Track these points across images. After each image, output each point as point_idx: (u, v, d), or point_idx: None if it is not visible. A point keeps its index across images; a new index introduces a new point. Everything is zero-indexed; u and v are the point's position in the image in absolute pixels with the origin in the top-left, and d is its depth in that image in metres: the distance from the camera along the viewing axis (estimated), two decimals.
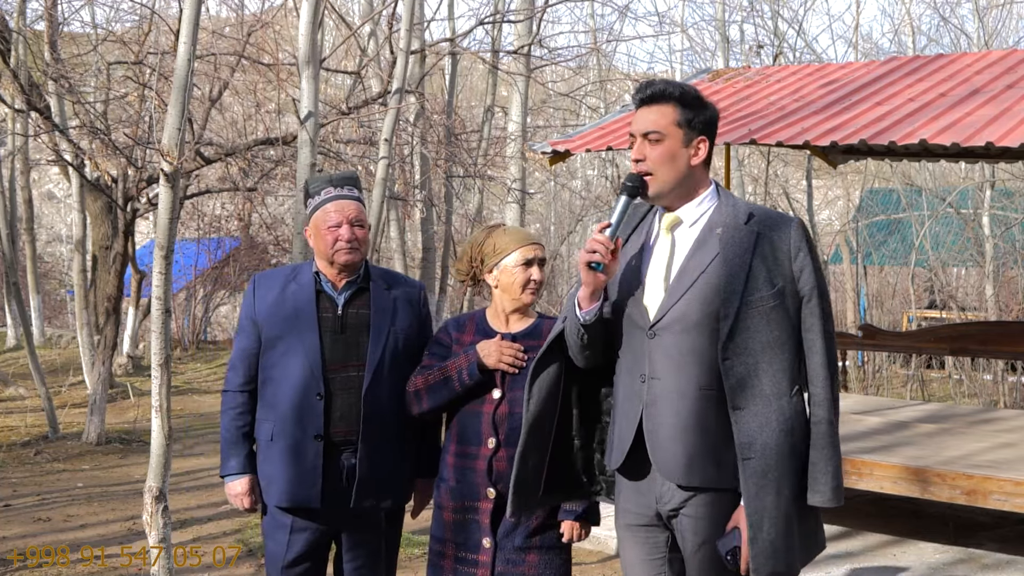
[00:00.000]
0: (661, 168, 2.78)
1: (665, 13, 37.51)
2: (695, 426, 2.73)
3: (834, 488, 2.73)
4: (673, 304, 2.75)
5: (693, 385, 2.72)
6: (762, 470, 2.67)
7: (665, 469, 2.77)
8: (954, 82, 7.25)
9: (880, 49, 23.63)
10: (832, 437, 2.74)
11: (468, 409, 3.31)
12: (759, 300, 2.70)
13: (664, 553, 2.88)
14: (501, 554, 3.24)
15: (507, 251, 3.36)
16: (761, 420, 2.68)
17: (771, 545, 2.67)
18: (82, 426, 9.82)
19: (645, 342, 2.78)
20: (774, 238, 2.75)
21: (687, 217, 2.83)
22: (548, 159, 7.64)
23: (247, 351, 3.47)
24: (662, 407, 2.75)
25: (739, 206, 2.81)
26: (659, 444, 2.76)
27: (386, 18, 10.15)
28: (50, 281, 24.92)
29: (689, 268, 2.76)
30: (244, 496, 3.47)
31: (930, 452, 6.30)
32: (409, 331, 3.49)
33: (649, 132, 2.78)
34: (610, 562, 5.87)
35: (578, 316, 2.79)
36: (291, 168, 9.69)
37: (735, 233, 2.74)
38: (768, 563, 2.67)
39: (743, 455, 2.68)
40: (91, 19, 13.87)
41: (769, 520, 2.67)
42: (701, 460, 2.73)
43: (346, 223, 3.40)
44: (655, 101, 2.80)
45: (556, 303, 20.38)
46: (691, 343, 2.73)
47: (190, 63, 4.71)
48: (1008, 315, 15.14)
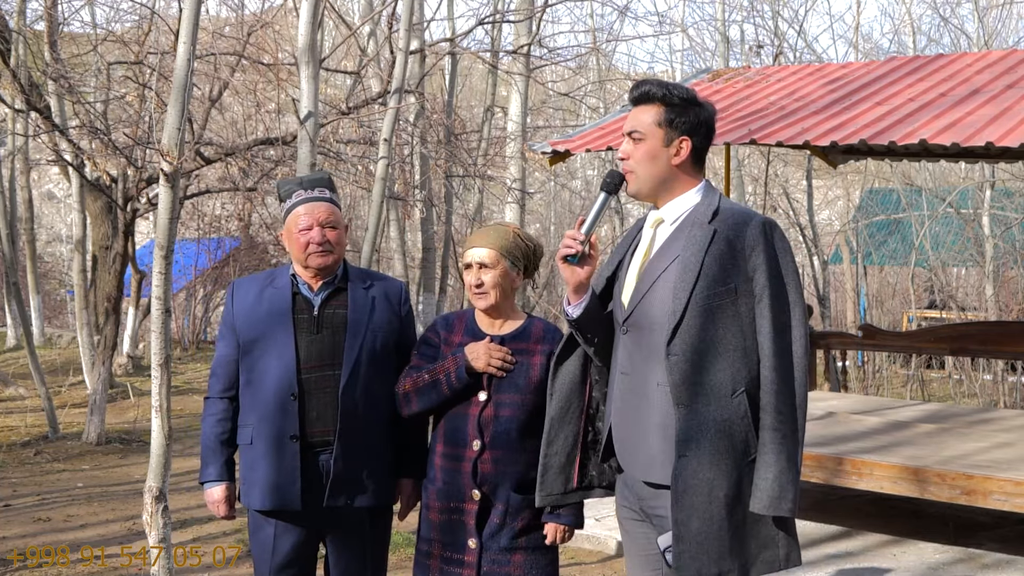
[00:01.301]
0: (640, 166, 2.83)
1: (665, 13, 37.50)
2: (656, 423, 2.75)
3: (773, 497, 2.62)
4: (639, 301, 2.81)
5: (652, 382, 2.76)
6: (693, 469, 2.65)
7: (628, 465, 2.82)
8: (954, 82, 7.25)
9: (880, 49, 23.65)
10: (777, 444, 2.64)
11: (454, 411, 3.30)
12: (706, 298, 2.69)
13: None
14: (487, 555, 3.24)
15: (464, 251, 3.39)
16: (700, 419, 2.67)
17: (699, 545, 2.64)
18: (82, 426, 9.82)
19: (620, 337, 2.86)
20: (731, 236, 2.73)
21: (668, 216, 2.88)
22: (548, 159, 7.64)
23: (226, 357, 3.47)
24: (627, 403, 2.81)
25: (711, 205, 2.81)
26: (623, 440, 2.82)
27: (386, 18, 10.13)
28: (50, 281, 24.90)
29: (653, 267, 2.82)
30: (220, 503, 3.49)
31: (930, 452, 6.31)
32: (388, 329, 3.46)
33: (632, 131, 2.85)
34: (610, 562, 5.87)
35: (567, 312, 2.85)
36: (291, 168, 9.68)
37: (696, 231, 2.77)
38: (692, 563, 2.64)
39: (678, 452, 2.67)
40: (91, 19, 13.86)
41: (699, 519, 2.64)
42: (659, 457, 2.74)
43: (317, 225, 3.39)
44: (642, 101, 2.86)
45: (556, 303, 20.38)
46: (652, 340, 2.76)
47: (190, 63, 4.71)
48: (1008, 315, 15.14)
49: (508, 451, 3.24)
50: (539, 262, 3.48)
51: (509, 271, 3.33)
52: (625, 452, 2.83)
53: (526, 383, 3.26)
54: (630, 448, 2.81)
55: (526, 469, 3.24)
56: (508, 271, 3.32)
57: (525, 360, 3.28)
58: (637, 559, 2.96)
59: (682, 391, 2.67)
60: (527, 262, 3.38)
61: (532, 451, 3.23)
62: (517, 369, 3.27)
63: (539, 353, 3.29)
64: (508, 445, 3.24)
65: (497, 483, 3.24)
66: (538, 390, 3.25)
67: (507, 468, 3.24)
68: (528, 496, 3.23)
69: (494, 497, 3.24)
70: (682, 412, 2.67)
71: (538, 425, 3.25)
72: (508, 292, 3.35)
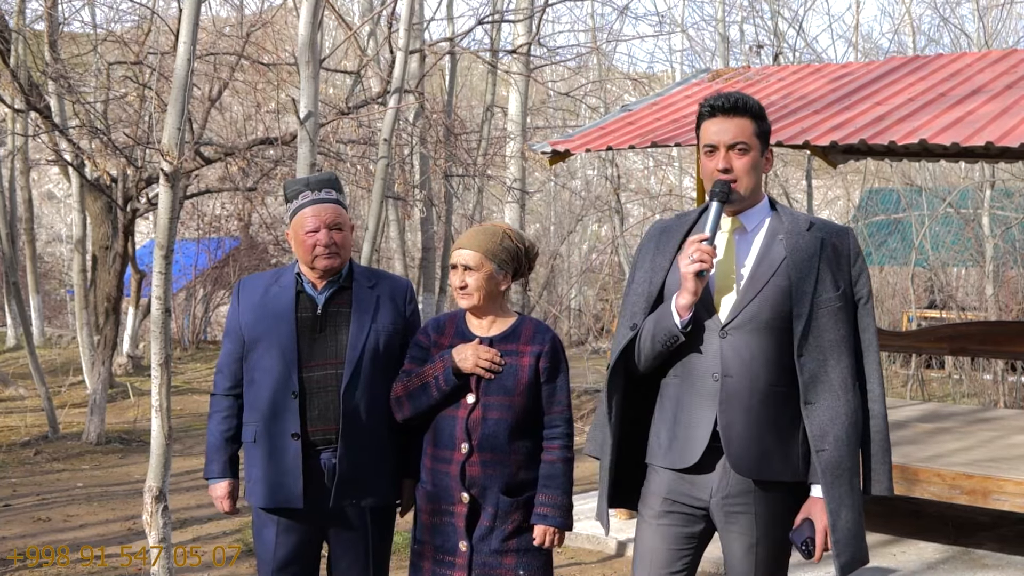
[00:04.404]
0: (746, 176, 2.94)
1: (665, 13, 37.49)
2: (767, 422, 2.87)
3: (890, 479, 2.93)
4: (745, 305, 2.89)
5: (764, 382, 2.87)
6: (836, 461, 2.82)
7: (738, 464, 2.88)
8: (954, 82, 7.25)
9: (880, 49, 23.65)
10: (885, 430, 2.93)
11: (443, 413, 3.28)
12: (827, 301, 2.87)
13: (694, 545, 3.00)
14: (477, 557, 3.22)
15: (452, 251, 3.38)
16: (832, 413, 2.83)
17: (850, 532, 2.83)
18: (82, 426, 9.83)
19: (716, 342, 2.91)
20: (836, 244, 2.95)
21: (749, 223, 2.99)
22: (548, 159, 7.63)
23: (232, 355, 3.48)
24: (736, 404, 2.88)
25: (797, 215, 3.00)
26: (733, 440, 2.88)
27: (385, 18, 10.13)
28: (50, 281, 24.91)
29: (759, 271, 2.92)
30: (224, 500, 3.50)
31: (930, 452, 6.31)
32: (392, 329, 3.45)
33: (737, 143, 2.92)
34: (610, 562, 5.87)
35: (677, 324, 2.88)
36: (291, 168, 9.69)
37: (799, 239, 2.93)
38: (848, 549, 2.83)
39: (816, 447, 2.83)
40: (91, 19, 13.87)
41: (846, 508, 2.83)
42: (771, 455, 2.88)
43: (324, 228, 3.38)
44: (736, 113, 2.94)
45: (556, 303, 20.39)
46: (761, 342, 2.88)
47: (190, 63, 4.71)
48: (1008, 315, 15.13)
49: (496, 454, 3.21)
50: (533, 263, 3.44)
51: (495, 274, 3.30)
52: (733, 450, 2.89)
53: (514, 385, 3.23)
54: (738, 447, 2.87)
55: (515, 471, 3.23)
56: (493, 274, 3.30)
57: (514, 362, 3.25)
58: (662, 552, 2.99)
59: (811, 389, 2.84)
60: (517, 264, 3.36)
61: (521, 453, 3.23)
62: (506, 371, 3.24)
63: (528, 355, 3.26)
64: (496, 448, 3.21)
65: (486, 486, 3.21)
66: (527, 392, 3.23)
67: (496, 471, 3.21)
68: (518, 499, 3.22)
69: (483, 500, 3.22)
70: (812, 409, 2.84)
71: (527, 427, 3.24)
72: (494, 294, 3.32)
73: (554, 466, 3.24)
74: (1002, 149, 6.17)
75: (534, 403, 3.26)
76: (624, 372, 3.03)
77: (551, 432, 3.27)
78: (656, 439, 3.02)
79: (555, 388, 3.27)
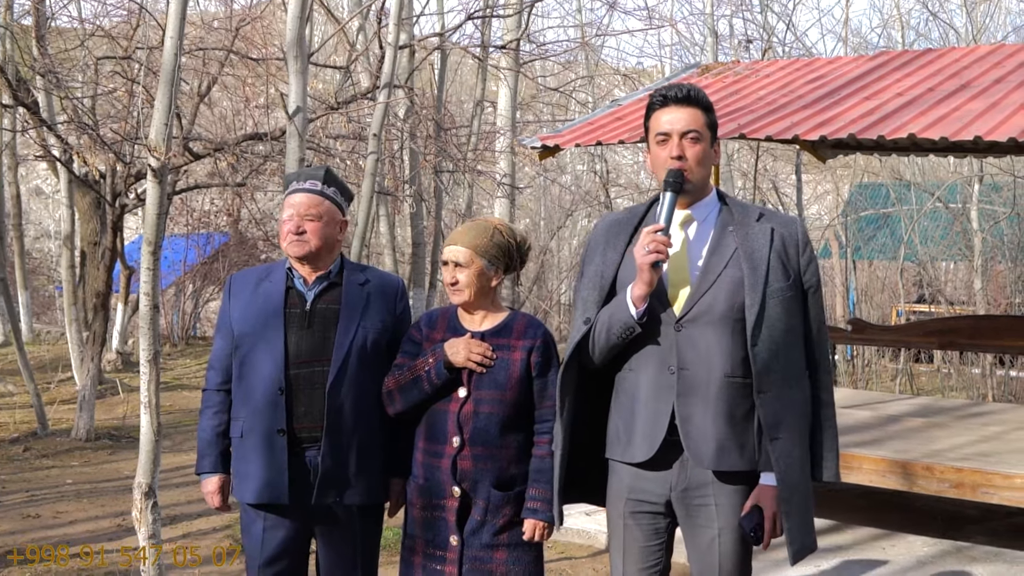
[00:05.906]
0: (697, 166, 2.95)
1: (654, 8, 37.50)
2: (724, 413, 2.88)
3: (837, 466, 2.96)
4: (699, 298, 2.90)
5: (720, 373, 2.88)
6: (788, 449, 2.85)
7: (697, 456, 2.89)
8: (943, 76, 7.27)
9: (869, 44, 23.67)
10: (832, 418, 2.97)
11: (435, 407, 3.29)
12: (778, 291, 2.89)
13: (663, 539, 3.03)
14: (468, 551, 3.23)
15: (443, 247, 3.39)
16: (784, 402, 2.86)
17: (801, 519, 2.88)
18: (71, 422, 9.79)
19: (672, 335, 2.91)
20: (785, 234, 2.96)
21: (699, 215, 2.99)
22: (538, 154, 7.63)
23: (223, 351, 3.49)
24: (693, 397, 2.89)
25: (747, 206, 3.03)
26: (692, 432, 2.89)
27: (375, 12, 10.11)
28: (38, 277, 24.83)
29: (711, 263, 2.92)
30: (215, 495, 3.51)
31: (919, 446, 6.33)
32: (381, 326, 3.45)
33: (690, 131, 2.93)
34: (601, 556, 5.88)
35: (633, 315, 2.88)
36: (280, 163, 9.66)
37: (749, 230, 2.94)
38: (799, 536, 2.87)
39: (771, 435, 2.84)
40: (79, 14, 13.79)
41: (799, 496, 2.86)
42: (729, 445, 2.89)
43: (296, 216, 3.41)
44: (688, 103, 2.96)
45: (546, 298, 20.39)
46: (716, 334, 2.88)
47: (177, 57, 4.69)
48: (996, 309, 15.21)
49: (488, 448, 3.22)
50: (525, 257, 3.45)
51: (485, 270, 3.32)
52: (691, 442, 2.89)
53: (506, 379, 3.24)
54: (696, 439, 2.88)
55: (506, 466, 3.23)
56: (484, 270, 3.31)
57: (506, 356, 3.26)
58: (637, 551, 3.01)
59: (764, 378, 2.84)
60: (508, 260, 3.37)
61: (512, 447, 3.24)
62: (497, 365, 3.25)
63: (520, 349, 3.27)
64: (488, 442, 3.22)
65: (477, 480, 3.22)
66: (518, 386, 3.24)
67: (487, 465, 3.22)
68: (509, 493, 3.23)
69: (474, 494, 3.23)
70: (765, 398, 2.84)
71: (519, 422, 3.25)
72: (485, 290, 3.33)
73: (544, 460, 3.23)
74: (990, 143, 6.19)
75: (525, 398, 3.26)
76: (578, 368, 3.02)
77: (542, 427, 3.27)
78: (615, 433, 3.03)
79: (546, 383, 3.27)
